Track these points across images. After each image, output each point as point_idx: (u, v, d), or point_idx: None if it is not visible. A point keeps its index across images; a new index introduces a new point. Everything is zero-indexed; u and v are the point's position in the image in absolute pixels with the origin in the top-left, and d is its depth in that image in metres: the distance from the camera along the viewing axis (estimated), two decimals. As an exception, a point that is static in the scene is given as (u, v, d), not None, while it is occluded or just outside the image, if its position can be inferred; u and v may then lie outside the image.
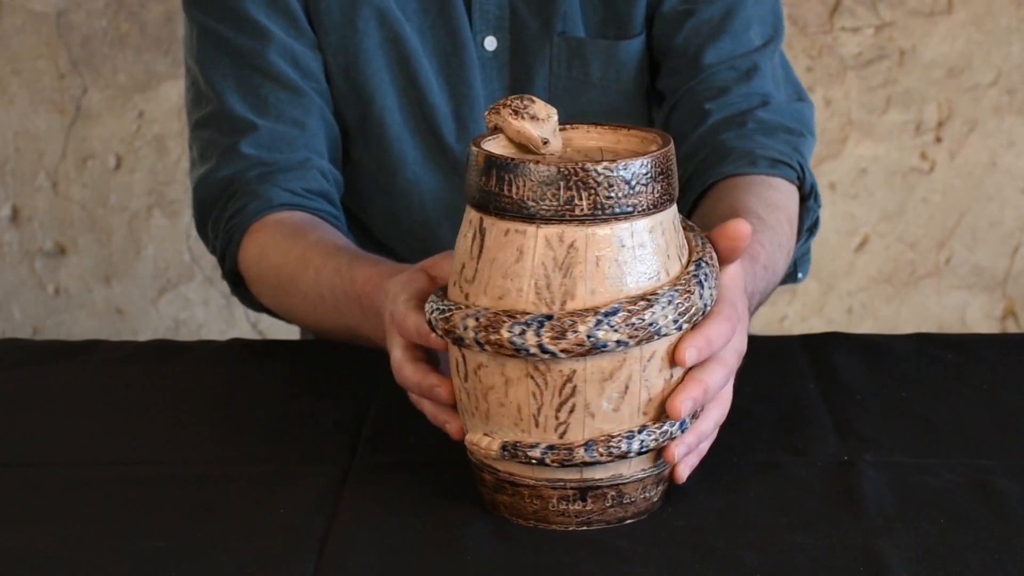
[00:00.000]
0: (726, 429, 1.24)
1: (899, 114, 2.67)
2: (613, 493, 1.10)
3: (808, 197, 1.45)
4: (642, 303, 1.04)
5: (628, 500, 1.11)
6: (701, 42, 1.49)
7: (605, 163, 1.04)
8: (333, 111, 1.51)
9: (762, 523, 1.10)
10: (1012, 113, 2.66)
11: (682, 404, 1.08)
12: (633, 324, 1.04)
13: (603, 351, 1.04)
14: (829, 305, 2.75)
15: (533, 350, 1.04)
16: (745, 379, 1.33)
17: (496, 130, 1.09)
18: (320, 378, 1.35)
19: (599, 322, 1.04)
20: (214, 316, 2.75)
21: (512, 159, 1.05)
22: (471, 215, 1.08)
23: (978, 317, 2.75)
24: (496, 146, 1.10)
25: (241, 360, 1.41)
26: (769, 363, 1.37)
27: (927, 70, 2.64)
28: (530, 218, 1.05)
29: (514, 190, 1.05)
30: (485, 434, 1.10)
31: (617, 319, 1.04)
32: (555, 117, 1.09)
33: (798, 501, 1.13)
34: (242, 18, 1.47)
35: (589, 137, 1.13)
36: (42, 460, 1.23)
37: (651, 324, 1.04)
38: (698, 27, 1.49)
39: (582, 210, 1.04)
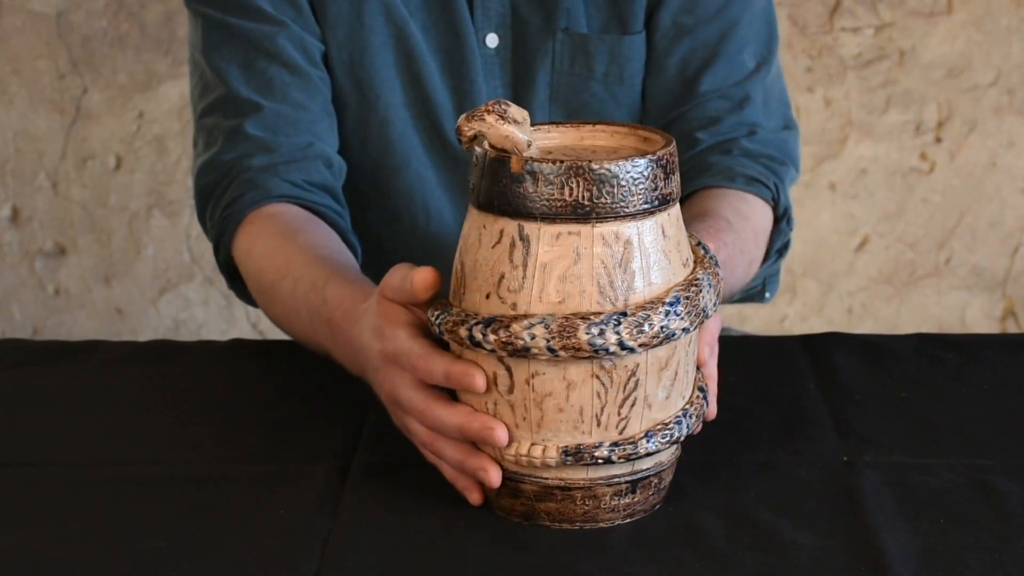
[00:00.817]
0: (726, 429, 1.24)
1: (899, 114, 2.66)
2: (656, 480, 1.12)
3: (781, 219, 1.48)
4: (693, 288, 1.07)
5: (663, 486, 1.13)
6: (698, 67, 1.50)
7: (648, 156, 1.05)
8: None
9: (762, 523, 1.10)
10: (1012, 113, 2.66)
11: (713, 405, 1.15)
12: (691, 310, 1.07)
13: (671, 340, 1.06)
14: (829, 305, 2.75)
15: (612, 348, 1.05)
16: (745, 379, 1.33)
17: (474, 139, 1.08)
18: (320, 378, 1.35)
19: (667, 312, 1.06)
20: (214, 316, 2.75)
21: (577, 163, 1.05)
22: (501, 223, 1.07)
23: (978, 317, 2.75)
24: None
25: (241, 360, 1.41)
26: (769, 363, 1.37)
27: (927, 70, 2.64)
28: (584, 218, 1.05)
29: (567, 192, 1.05)
30: (533, 443, 1.09)
31: (681, 307, 1.06)
32: (528, 119, 1.09)
33: (798, 501, 1.13)
34: (250, 9, 1.47)
35: (596, 136, 1.14)
36: (42, 460, 1.23)
37: (703, 308, 1.08)
38: (694, 49, 1.50)
39: (635, 206, 1.05)
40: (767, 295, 1.54)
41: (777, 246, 1.49)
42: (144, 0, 2.62)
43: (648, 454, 1.08)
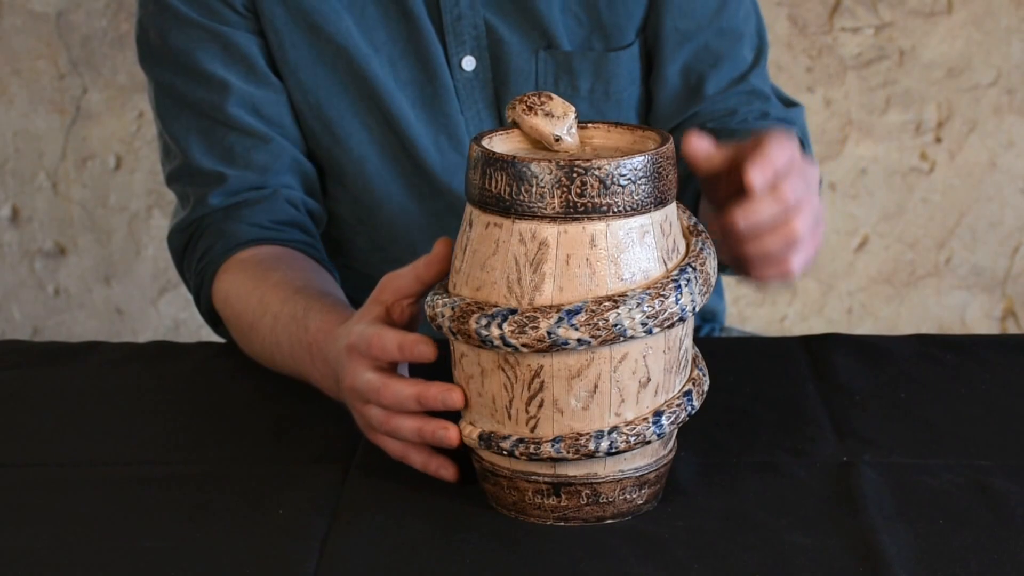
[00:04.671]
0: (726, 429, 1.24)
1: (899, 114, 2.67)
2: (588, 491, 1.10)
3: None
4: (607, 304, 1.05)
5: (605, 500, 1.11)
6: (701, 71, 1.50)
7: (579, 162, 1.04)
8: (307, 149, 1.49)
9: (762, 523, 1.10)
10: (1012, 113, 2.66)
11: (757, 174, 1.09)
12: (596, 324, 1.04)
13: (565, 348, 1.05)
14: (829, 305, 2.75)
15: (496, 343, 1.06)
16: (745, 379, 1.33)
17: (514, 125, 1.11)
18: (320, 378, 1.35)
19: (560, 320, 1.04)
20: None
21: (496, 155, 1.06)
22: (467, 208, 1.10)
23: (978, 317, 2.75)
24: (509, 141, 1.11)
25: (241, 360, 1.41)
26: (769, 363, 1.37)
27: (927, 70, 2.64)
28: (506, 212, 1.06)
29: (494, 184, 1.06)
30: (469, 423, 1.12)
31: (580, 318, 1.04)
32: (572, 115, 1.10)
33: (798, 502, 1.13)
34: (197, 72, 1.45)
35: (609, 137, 1.13)
36: (42, 460, 1.23)
37: (616, 325, 1.05)
38: (696, 53, 1.50)
39: (554, 208, 1.05)
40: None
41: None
42: (144, 0, 2.62)
43: (551, 459, 1.08)
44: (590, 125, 1.13)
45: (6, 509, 1.15)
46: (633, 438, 1.08)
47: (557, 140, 1.09)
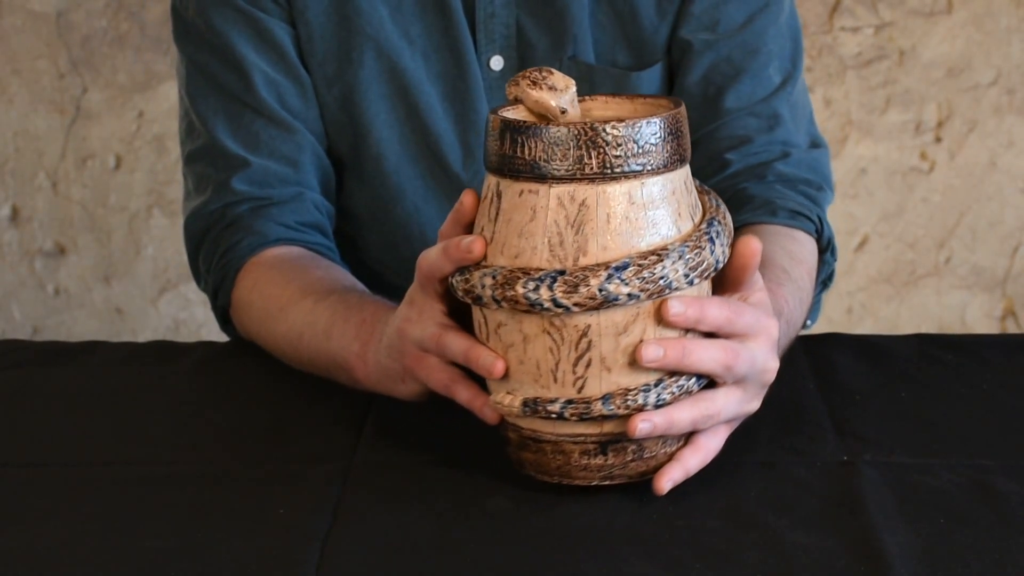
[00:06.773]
0: (726, 429, 1.24)
1: (899, 114, 2.67)
2: (634, 447, 1.12)
3: (825, 250, 1.46)
4: (652, 257, 1.08)
5: (649, 454, 1.13)
6: (721, 83, 1.48)
7: (614, 123, 1.07)
8: (327, 143, 1.50)
9: (762, 523, 1.10)
10: (1012, 113, 2.66)
11: (648, 349, 1.08)
12: (644, 278, 1.07)
13: (615, 304, 1.07)
14: (829, 305, 2.75)
15: (547, 304, 1.07)
16: (745, 379, 1.33)
17: (516, 101, 1.12)
18: (320, 378, 1.35)
19: (610, 276, 1.06)
20: (214, 316, 2.76)
21: (525, 123, 1.08)
22: (489, 180, 1.12)
23: (978, 317, 2.75)
24: (515, 116, 1.12)
25: (241, 360, 1.41)
26: (769, 363, 1.37)
27: (927, 70, 2.64)
28: (542, 178, 1.08)
29: (527, 152, 1.08)
30: (507, 392, 1.12)
31: (628, 273, 1.07)
32: (573, 88, 1.12)
33: (798, 501, 1.14)
34: (229, 53, 1.46)
35: (607, 107, 1.16)
36: (42, 460, 1.23)
37: (661, 278, 1.08)
38: (717, 65, 1.48)
39: (592, 169, 1.07)
40: (808, 322, 1.49)
41: (822, 277, 1.46)
42: (144, 0, 2.63)
43: (603, 416, 1.10)
44: (587, 98, 1.16)
45: (7, 509, 1.15)
46: (677, 389, 1.11)
47: (563, 113, 1.10)
